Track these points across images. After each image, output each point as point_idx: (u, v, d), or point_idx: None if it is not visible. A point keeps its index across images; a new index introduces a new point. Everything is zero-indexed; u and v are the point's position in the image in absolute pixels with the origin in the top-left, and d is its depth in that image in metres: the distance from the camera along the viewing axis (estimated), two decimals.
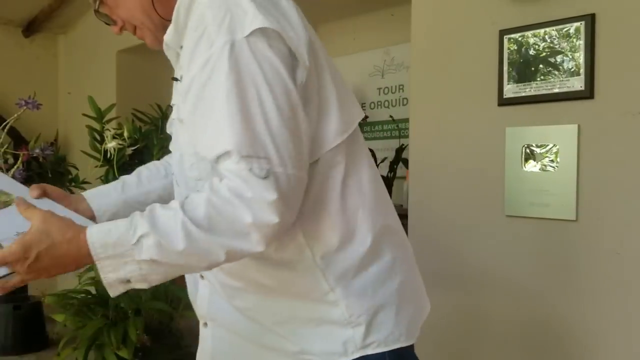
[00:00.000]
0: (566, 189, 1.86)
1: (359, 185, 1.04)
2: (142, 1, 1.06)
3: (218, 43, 0.90)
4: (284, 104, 0.90)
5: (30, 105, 1.57)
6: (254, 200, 0.87)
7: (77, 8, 4.44)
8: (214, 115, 0.90)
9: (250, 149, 0.88)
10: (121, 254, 0.88)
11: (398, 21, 2.95)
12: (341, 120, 1.00)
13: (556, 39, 1.88)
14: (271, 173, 0.88)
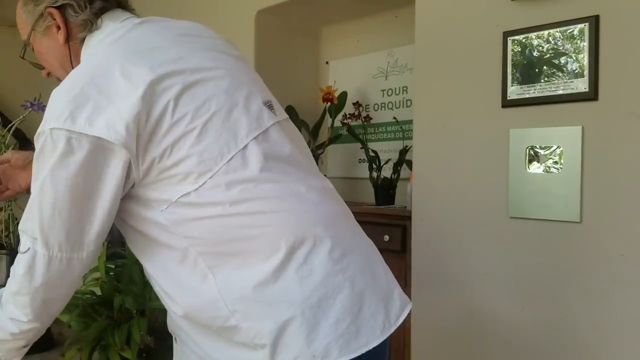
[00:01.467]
0: (570, 191, 1.86)
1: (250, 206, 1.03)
2: (59, 58, 1.19)
3: (39, 130, 1.01)
4: (66, 193, 0.98)
5: (35, 107, 1.58)
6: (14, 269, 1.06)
7: None
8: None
9: (23, 226, 1.04)
10: None
11: (402, 23, 2.95)
12: (200, 161, 1.01)
13: (560, 40, 1.88)
14: (29, 251, 1.03)
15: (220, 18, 3.33)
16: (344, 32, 3.34)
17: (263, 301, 1.01)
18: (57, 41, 1.17)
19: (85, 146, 0.96)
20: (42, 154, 0.99)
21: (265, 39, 3.16)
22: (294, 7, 3.03)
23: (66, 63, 1.17)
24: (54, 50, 1.18)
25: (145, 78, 0.99)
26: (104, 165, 0.98)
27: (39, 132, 1.00)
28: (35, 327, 1.07)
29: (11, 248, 1.62)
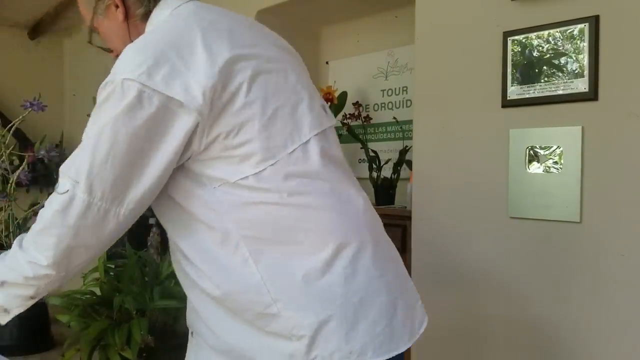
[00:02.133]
0: (570, 191, 1.86)
1: (305, 200, 1.06)
2: (121, 36, 1.19)
3: (106, 79, 1.02)
4: (123, 146, 0.98)
5: (35, 107, 1.58)
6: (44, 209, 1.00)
7: None
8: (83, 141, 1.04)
9: (66, 168, 1.01)
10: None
11: (402, 23, 2.95)
12: (266, 147, 1.03)
13: (560, 40, 1.88)
14: (68, 193, 0.99)
15: None
16: (344, 32, 3.34)
17: (309, 294, 1.03)
18: (116, 20, 1.19)
19: (155, 103, 0.97)
20: (107, 102, 1.00)
21: None
22: (294, 7, 3.03)
23: (127, 40, 1.16)
24: (115, 29, 1.20)
25: (224, 54, 1.02)
26: (167, 126, 0.98)
27: (107, 81, 1.01)
28: (51, 275, 1.02)
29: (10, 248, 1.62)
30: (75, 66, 4.85)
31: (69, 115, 4.87)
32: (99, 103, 1.01)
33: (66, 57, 4.94)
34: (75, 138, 4.42)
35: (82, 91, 4.69)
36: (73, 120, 4.81)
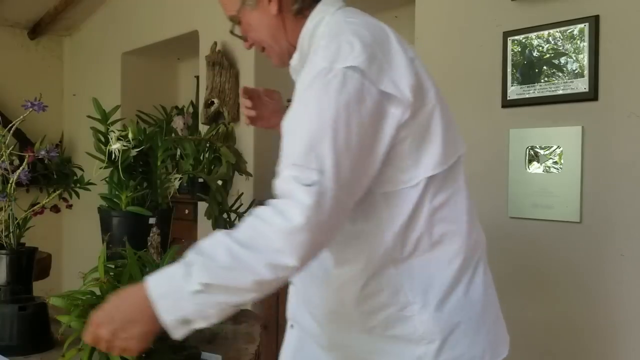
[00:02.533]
0: (570, 191, 1.86)
1: (451, 211, 1.11)
2: (271, 29, 1.18)
3: (318, 67, 0.99)
4: (355, 135, 0.96)
5: (36, 107, 1.58)
6: (289, 207, 0.92)
7: (82, 10, 4.46)
8: (292, 127, 1.00)
9: (304, 160, 0.94)
10: (174, 289, 0.93)
11: (402, 23, 2.95)
12: (443, 153, 1.07)
13: (560, 40, 1.88)
14: (317, 184, 0.92)
15: (221, 17, 3.32)
16: None
17: (444, 299, 1.06)
18: (268, 13, 1.17)
19: (374, 95, 0.97)
20: (328, 88, 0.96)
21: None
22: None
23: (278, 34, 1.18)
24: (266, 22, 1.18)
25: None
26: (382, 120, 0.99)
27: (323, 67, 0.98)
28: (295, 271, 0.94)
29: (11, 248, 1.62)
30: (75, 66, 4.85)
31: (69, 115, 4.87)
32: (316, 90, 0.98)
33: (66, 57, 4.94)
34: (75, 138, 4.42)
35: (82, 91, 4.69)
36: (73, 120, 4.81)
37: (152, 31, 3.90)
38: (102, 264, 1.32)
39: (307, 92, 1.00)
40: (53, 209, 2.04)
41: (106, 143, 1.74)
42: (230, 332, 1.58)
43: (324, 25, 1.13)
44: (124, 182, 1.74)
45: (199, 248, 0.95)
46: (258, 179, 3.06)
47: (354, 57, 0.98)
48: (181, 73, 4.49)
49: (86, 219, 4.16)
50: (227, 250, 0.92)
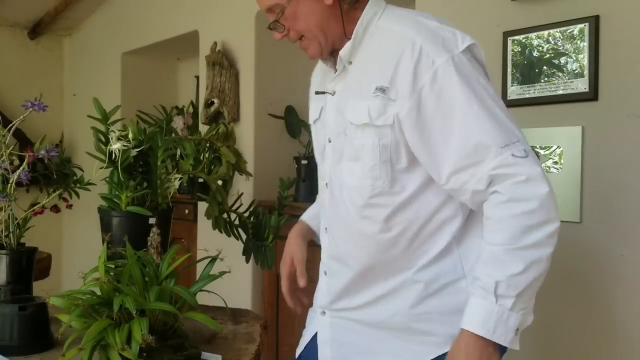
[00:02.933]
0: (570, 191, 1.86)
1: None
2: (322, 19, 1.20)
3: (440, 60, 1.08)
4: (499, 98, 1.11)
5: (36, 107, 1.58)
6: (530, 180, 1.03)
7: (82, 10, 4.46)
8: (456, 121, 1.07)
9: (506, 139, 1.05)
10: (499, 318, 1.04)
11: None
12: None
13: (560, 40, 1.88)
14: (527, 151, 1.06)
15: (221, 17, 3.33)
16: None
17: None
18: (321, 2, 1.19)
19: (475, 63, 1.13)
20: (467, 74, 1.08)
21: (266, 38, 3.16)
22: None
23: (328, 23, 1.21)
24: (318, 11, 1.20)
25: None
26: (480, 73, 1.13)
27: (446, 58, 1.08)
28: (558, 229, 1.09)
29: (11, 248, 1.62)
30: (75, 66, 4.85)
31: (69, 115, 4.87)
32: (458, 79, 1.07)
33: (66, 57, 4.94)
34: (75, 137, 4.42)
35: (82, 91, 4.69)
36: (73, 120, 4.81)
37: (152, 31, 3.90)
38: (103, 263, 1.32)
39: (446, 84, 1.07)
40: (53, 209, 2.04)
41: (106, 143, 1.74)
42: (230, 332, 1.58)
43: (384, 18, 1.21)
44: (124, 182, 1.74)
45: (484, 275, 1.06)
46: (258, 179, 3.06)
47: (461, 39, 1.12)
48: (181, 73, 4.49)
49: (86, 219, 4.17)
50: (513, 259, 1.04)
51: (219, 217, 2.51)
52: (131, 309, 1.18)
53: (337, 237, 1.29)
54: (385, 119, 1.13)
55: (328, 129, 1.29)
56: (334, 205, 1.28)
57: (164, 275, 1.35)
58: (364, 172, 1.18)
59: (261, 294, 3.11)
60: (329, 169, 1.29)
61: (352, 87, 1.22)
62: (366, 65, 1.20)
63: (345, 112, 1.21)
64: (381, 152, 1.15)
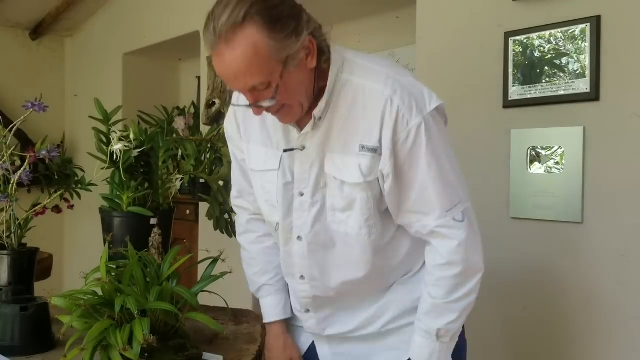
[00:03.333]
0: (572, 191, 1.85)
1: None
2: (305, 84, 1.20)
3: (413, 122, 1.19)
4: (453, 157, 1.26)
5: (37, 107, 1.58)
6: (461, 244, 1.24)
7: (83, 11, 4.46)
8: (418, 176, 1.22)
9: (450, 203, 1.24)
10: (440, 350, 1.30)
11: (403, 24, 2.95)
12: None
13: (561, 40, 1.88)
14: (464, 212, 1.26)
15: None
16: (345, 32, 3.34)
17: None
18: (305, 68, 1.18)
19: (440, 118, 1.25)
20: (432, 136, 1.20)
21: None
22: None
23: (309, 87, 1.21)
24: (302, 79, 1.19)
25: None
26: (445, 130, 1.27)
27: (419, 122, 1.19)
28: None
29: (13, 248, 1.62)
30: (77, 67, 4.85)
31: (71, 115, 4.88)
32: (427, 140, 1.20)
33: (67, 58, 4.95)
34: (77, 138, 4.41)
35: (83, 92, 4.69)
36: (74, 121, 4.82)
37: (154, 32, 3.90)
38: (104, 264, 1.32)
39: (416, 145, 1.20)
40: (54, 209, 2.04)
41: (108, 143, 1.74)
42: (231, 332, 1.58)
43: (348, 71, 1.23)
44: (126, 183, 1.74)
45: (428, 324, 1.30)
46: None
47: (429, 100, 1.22)
48: (182, 73, 4.50)
49: (88, 220, 4.17)
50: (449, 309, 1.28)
51: (220, 218, 2.51)
52: (133, 309, 1.18)
53: (322, 281, 1.36)
54: (374, 174, 1.23)
55: (299, 183, 1.29)
56: (315, 252, 1.33)
57: (166, 275, 1.35)
58: (360, 223, 1.27)
59: None
60: (303, 221, 1.31)
61: (329, 140, 1.25)
62: (344, 121, 1.23)
63: (325, 165, 1.26)
64: (373, 203, 1.25)
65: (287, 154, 1.29)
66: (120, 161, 1.70)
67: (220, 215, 2.50)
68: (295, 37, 1.13)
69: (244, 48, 1.09)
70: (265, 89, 1.14)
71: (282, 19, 1.12)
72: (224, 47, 1.10)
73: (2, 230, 1.62)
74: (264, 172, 1.35)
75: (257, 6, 1.10)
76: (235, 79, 1.14)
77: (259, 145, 1.35)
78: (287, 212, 1.32)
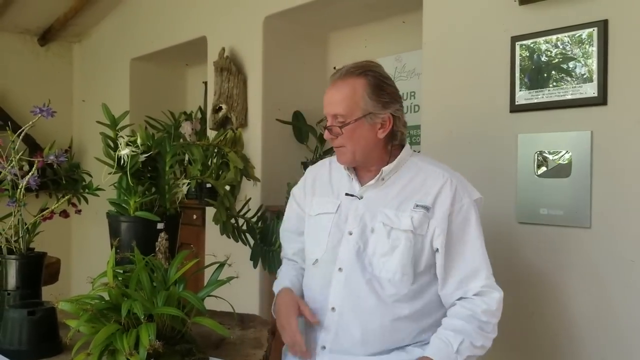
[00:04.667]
0: (579, 196, 1.85)
1: None
2: (368, 144, 1.54)
3: (466, 200, 1.53)
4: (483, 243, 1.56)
5: (45, 112, 1.59)
6: (499, 301, 1.51)
7: (91, 17, 4.49)
8: (467, 246, 1.52)
9: (491, 270, 1.52)
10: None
11: (409, 28, 2.95)
12: None
13: (568, 45, 1.87)
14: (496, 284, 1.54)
15: (229, 23, 3.35)
16: (351, 37, 3.35)
17: None
18: (374, 133, 1.54)
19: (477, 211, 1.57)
20: (478, 218, 1.54)
21: (273, 44, 3.17)
22: (301, 13, 3.04)
23: (374, 149, 1.56)
24: (369, 139, 1.54)
25: None
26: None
27: (469, 202, 1.53)
28: None
29: (20, 253, 1.63)
30: (85, 72, 4.88)
31: (78, 120, 4.90)
32: (475, 220, 1.53)
33: (76, 64, 4.97)
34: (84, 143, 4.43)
35: (91, 97, 4.72)
36: (82, 126, 4.84)
37: (161, 37, 3.92)
38: (111, 268, 1.32)
39: (467, 219, 1.52)
40: (62, 214, 2.05)
41: (115, 148, 1.74)
42: (237, 337, 1.58)
43: (416, 159, 1.61)
44: (133, 188, 1.75)
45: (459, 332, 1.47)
46: (266, 184, 3.06)
47: (474, 191, 1.57)
48: (189, 79, 4.51)
49: (95, 224, 4.18)
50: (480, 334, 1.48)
51: (226, 222, 2.51)
52: (139, 314, 1.18)
53: (347, 315, 1.53)
54: (422, 229, 1.51)
55: (351, 224, 1.57)
56: (351, 285, 1.53)
57: (172, 280, 1.35)
58: (396, 267, 1.50)
59: (269, 299, 3.11)
60: (347, 255, 1.55)
61: (386, 198, 1.55)
62: (403, 186, 1.55)
63: (377, 215, 1.54)
64: (413, 254, 1.50)
65: (347, 199, 1.59)
66: (127, 166, 1.71)
67: (227, 220, 2.50)
68: (382, 106, 1.52)
69: (348, 87, 1.53)
70: (341, 122, 1.52)
71: (383, 90, 1.53)
72: (338, 81, 1.55)
73: (10, 234, 1.63)
74: (322, 215, 1.63)
75: (373, 72, 1.54)
76: (330, 104, 1.56)
77: (323, 197, 1.67)
78: (336, 245, 1.58)
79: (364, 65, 1.55)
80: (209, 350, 1.42)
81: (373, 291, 1.52)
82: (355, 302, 1.53)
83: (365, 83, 1.52)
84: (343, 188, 1.63)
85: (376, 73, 1.55)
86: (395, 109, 1.55)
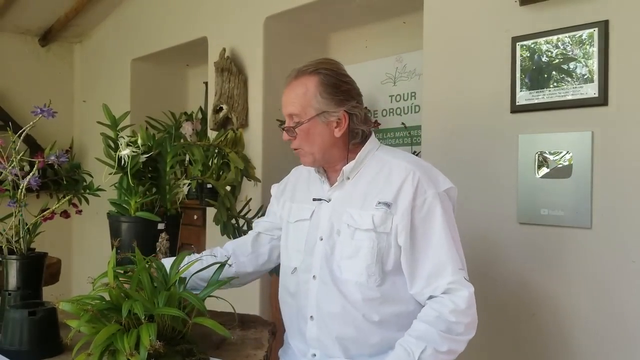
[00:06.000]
0: (580, 197, 1.84)
1: None
2: (325, 144, 1.50)
3: (430, 192, 1.43)
4: (456, 231, 1.46)
5: (45, 113, 1.59)
6: (470, 296, 1.40)
7: (92, 18, 4.49)
8: (432, 240, 1.42)
9: (460, 265, 1.42)
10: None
11: (410, 29, 2.95)
12: None
13: (569, 45, 1.87)
14: (466, 277, 1.43)
15: (230, 24, 3.35)
16: (352, 38, 3.35)
17: None
18: (330, 131, 1.49)
19: (449, 202, 1.47)
20: (444, 211, 1.43)
21: (274, 44, 3.17)
22: (302, 13, 3.04)
23: (333, 149, 1.52)
24: (324, 137, 1.50)
25: None
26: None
27: (435, 193, 1.43)
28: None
29: (21, 253, 1.63)
30: (86, 73, 4.88)
31: (79, 121, 4.90)
32: (440, 213, 1.42)
33: (76, 64, 4.98)
34: (85, 144, 4.43)
35: (92, 97, 4.72)
36: (83, 126, 4.84)
37: (161, 38, 3.92)
38: (112, 269, 1.32)
39: (431, 212, 1.42)
40: (63, 214, 2.05)
41: (116, 149, 1.75)
42: (238, 337, 1.58)
43: (381, 152, 1.55)
44: (133, 188, 1.75)
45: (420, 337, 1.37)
46: (266, 185, 3.06)
47: (443, 181, 1.47)
48: (190, 79, 4.52)
49: (96, 225, 4.19)
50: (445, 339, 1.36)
51: (227, 223, 2.51)
52: (140, 314, 1.18)
53: (327, 323, 1.50)
54: (385, 227, 1.44)
55: (320, 230, 1.54)
56: (325, 293, 1.50)
57: (173, 280, 1.35)
58: (361, 268, 1.45)
59: (269, 299, 3.11)
60: (319, 262, 1.52)
61: (351, 198, 1.50)
62: (367, 183, 1.50)
63: (342, 216, 1.50)
64: (377, 253, 1.44)
65: (317, 203, 1.56)
66: (128, 166, 1.71)
67: (227, 221, 2.50)
68: (336, 104, 1.48)
69: (301, 86, 1.49)
70: (296, 122, 1.49)
71: (337, 88, 1.49)
72: (293, 81, 1.51)
73: (11, 235, 1.63)
74: (299, 222, 1.60)
75: (327, 70, 1.49)
76: (285, 104, 1.52)
77: (301, 203, 1.63)
78: (310, 253, 1.55)
79: (318, 63, 1.51)
80: (209, 350, 1.42)
81: (342, 296, 1.47)
82: (329, 309, 1.49)
83: (317, 81, 1.48)
84: (315, 191, 1.60)
85: (330, 71, 1.50)
86: (351, 107, 1.50)
